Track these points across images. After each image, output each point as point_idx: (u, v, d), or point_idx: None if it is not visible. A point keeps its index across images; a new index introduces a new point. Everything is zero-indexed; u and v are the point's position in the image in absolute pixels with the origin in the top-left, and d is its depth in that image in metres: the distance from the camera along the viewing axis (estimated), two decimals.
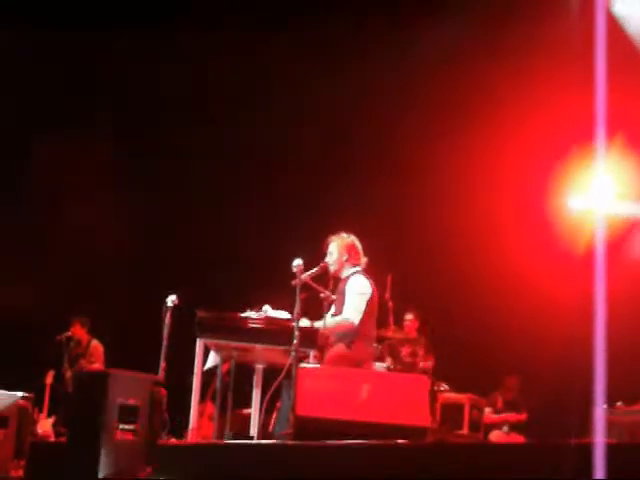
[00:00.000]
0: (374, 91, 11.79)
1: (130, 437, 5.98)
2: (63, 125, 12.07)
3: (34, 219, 12.40)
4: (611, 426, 8.11)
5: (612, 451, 3.23)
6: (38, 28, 11.58)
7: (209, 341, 7.37)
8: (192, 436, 7.33)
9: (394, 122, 11.73)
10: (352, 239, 7.95)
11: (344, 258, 7.85)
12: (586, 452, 3.39)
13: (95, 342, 11.75)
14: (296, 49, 11.71)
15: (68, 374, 11.35)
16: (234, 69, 11.92)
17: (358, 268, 7.86)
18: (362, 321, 7.57)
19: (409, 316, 10.39)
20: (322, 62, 11.72)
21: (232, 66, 11.88)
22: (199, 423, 7.89)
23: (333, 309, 7.76)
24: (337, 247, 7.88)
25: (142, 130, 12.50)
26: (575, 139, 9.21)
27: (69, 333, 11.66)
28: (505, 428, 10.65)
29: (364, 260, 7.92)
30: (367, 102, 11.81)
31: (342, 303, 7.68)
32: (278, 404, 7.57)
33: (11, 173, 12.22)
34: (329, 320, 7.59)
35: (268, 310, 7.50)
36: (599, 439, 3.29)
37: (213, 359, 7.77)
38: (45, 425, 10.73)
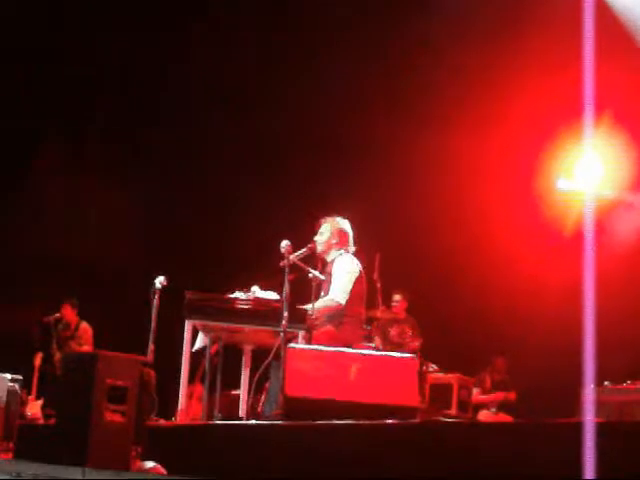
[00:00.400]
0: (359, 80, 11.78)
1: (119, 418, 5.97)
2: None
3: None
4: (599, 406, 8.16)
5: (601, 430, 3.24)
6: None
7: (197, 322, 7.37)
8: (181, 417, 7.34)
9: (380, 108, 11.72)
10: (344, 224, 7.92)
11: (333, 241, 7.82)
12: (575, 431, 3.40)
13: (84, 324, 11.75)
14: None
15: (57, 356, 11.34)
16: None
17: (343, 252, 7.84)
18: (349, 302, 7.56)
19: (397, 297, 10.40)
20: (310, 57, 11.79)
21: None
22: (188, 404, 7.90)
23: (322, 293, 7.75)
24: (328, 229, 7.85)
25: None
26: (563, 120, 9.22)
27: (58, 315, 11.65)
28: (493, 408, 10.69)
29: (352, 248, 7.88)
30: (353, 90, 11.79)
31: (330, 284, 7.67)
32: (267, 385, 7.57)
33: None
34: (317, 301, 7.58)
35: (257, 291, 7.50)
36: (589, 418, 3.29)
37: (202, 340, 7.76)
38: (34, 407, 10.73)
